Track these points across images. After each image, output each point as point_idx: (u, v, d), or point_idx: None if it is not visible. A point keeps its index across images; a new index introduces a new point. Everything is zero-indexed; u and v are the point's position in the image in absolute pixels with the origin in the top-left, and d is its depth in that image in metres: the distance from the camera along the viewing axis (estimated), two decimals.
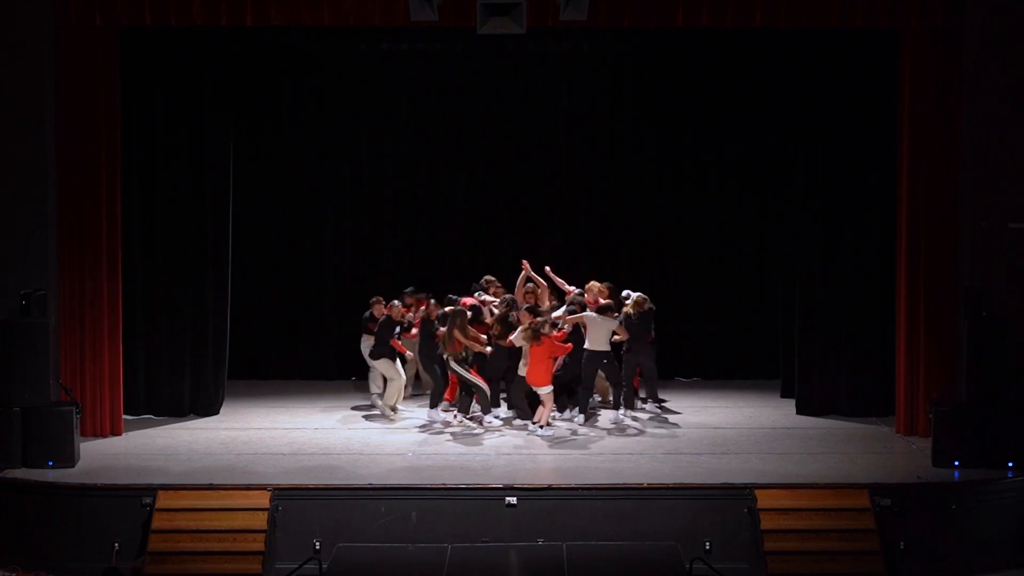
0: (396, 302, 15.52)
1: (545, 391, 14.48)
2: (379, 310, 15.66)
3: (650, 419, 15.24)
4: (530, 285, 15.64)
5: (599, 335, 14.79)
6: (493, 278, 16.13)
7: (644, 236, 17.83)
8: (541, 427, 14.47)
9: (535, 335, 14.28)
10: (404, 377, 15.61)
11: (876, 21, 14.21)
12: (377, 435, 14.65)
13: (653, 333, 15.51)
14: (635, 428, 14.83)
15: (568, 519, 12.35)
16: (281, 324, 17.69)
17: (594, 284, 15.39)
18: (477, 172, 17.90)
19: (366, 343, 15.72)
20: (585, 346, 14.88)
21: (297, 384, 17.08)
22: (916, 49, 14.33)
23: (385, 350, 15.36)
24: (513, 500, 12.32)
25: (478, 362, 14.92)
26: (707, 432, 14.72)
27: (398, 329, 15.42)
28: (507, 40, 15.31)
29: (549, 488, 12.50)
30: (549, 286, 15.70)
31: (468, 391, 15.00)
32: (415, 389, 16.40)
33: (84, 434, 14.06)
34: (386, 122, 17.73)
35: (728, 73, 17.13)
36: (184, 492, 12.49)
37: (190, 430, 14.88)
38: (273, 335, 17.69)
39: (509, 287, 15.92)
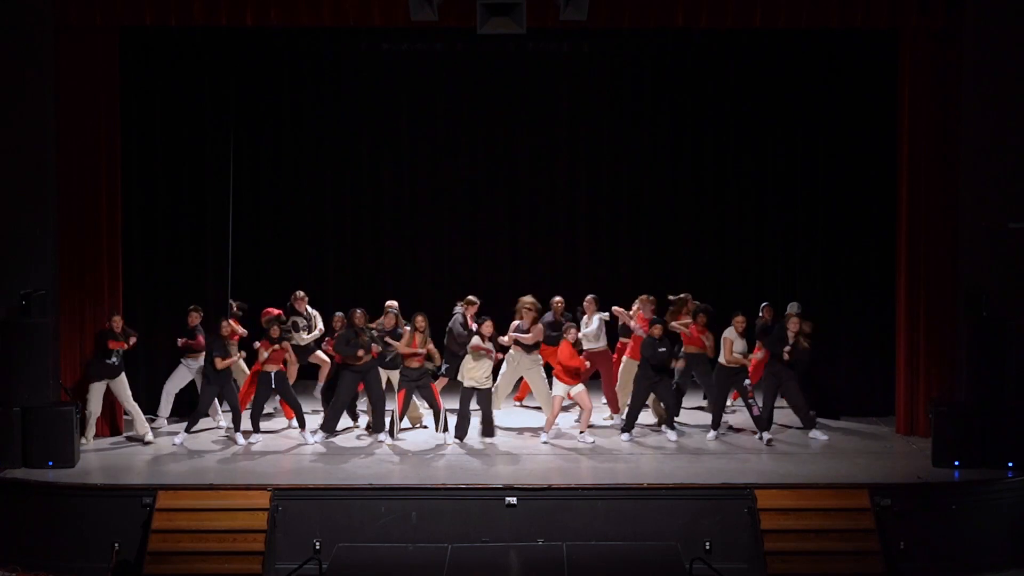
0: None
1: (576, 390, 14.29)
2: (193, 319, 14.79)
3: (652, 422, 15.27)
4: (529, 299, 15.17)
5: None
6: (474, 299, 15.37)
7: (643, 236, 17.85)
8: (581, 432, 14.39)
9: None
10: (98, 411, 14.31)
11: (876, 21, 14.21)
12: (377, 435, 14.64)
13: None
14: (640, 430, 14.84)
15: (568, 519, 12.36)
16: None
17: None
18: (477, 172, 17.91)
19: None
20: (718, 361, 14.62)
21: (297, 385, 17.02)
22: (916, 49, 14.33)
23: (104, 371, 14.15)
24: (513, 500, 12.33)
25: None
26: (707, 432, 14.69)
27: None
28: (507, 40, 15.34)
29: (549, 488, 12.50)
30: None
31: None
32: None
33: (84, 434, 14.06)
34: (386, 122, 17.74)
35: (728, 73, 17.11)
36: (184, 492, 12.50)
37: (190, 430, 14.86)
38: None
39: (507, 291, 15.84)
